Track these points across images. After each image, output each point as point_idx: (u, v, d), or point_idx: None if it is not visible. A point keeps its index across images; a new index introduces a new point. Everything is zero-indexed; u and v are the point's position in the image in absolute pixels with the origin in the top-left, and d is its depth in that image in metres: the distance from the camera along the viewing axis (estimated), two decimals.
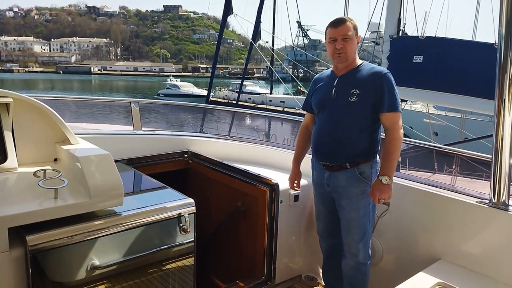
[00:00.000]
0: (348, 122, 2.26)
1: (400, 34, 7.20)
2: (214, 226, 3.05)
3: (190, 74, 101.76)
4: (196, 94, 33.77)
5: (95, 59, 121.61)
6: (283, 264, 2.79)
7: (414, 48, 6.89)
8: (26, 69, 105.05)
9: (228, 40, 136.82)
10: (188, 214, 2.00)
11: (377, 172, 2.31)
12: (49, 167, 1.86)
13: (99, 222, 1.73)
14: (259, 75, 77.92)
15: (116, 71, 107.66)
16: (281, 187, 2.60)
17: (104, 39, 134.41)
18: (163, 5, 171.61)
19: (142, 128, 3.25)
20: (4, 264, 1.55)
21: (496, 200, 2.13)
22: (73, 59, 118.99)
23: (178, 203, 2.00)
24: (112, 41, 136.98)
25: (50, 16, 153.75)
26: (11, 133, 1.96)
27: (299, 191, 2.69)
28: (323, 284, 2.77)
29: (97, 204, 1.73)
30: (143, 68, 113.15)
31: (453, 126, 11.82)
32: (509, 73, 1.97)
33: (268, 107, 28.72)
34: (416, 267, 2.22)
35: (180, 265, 2.03)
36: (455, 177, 3.46)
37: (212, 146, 3.36)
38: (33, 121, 2.04)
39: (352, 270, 2.41)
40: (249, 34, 16.92)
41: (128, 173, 2.55)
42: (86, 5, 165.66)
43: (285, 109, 25.98)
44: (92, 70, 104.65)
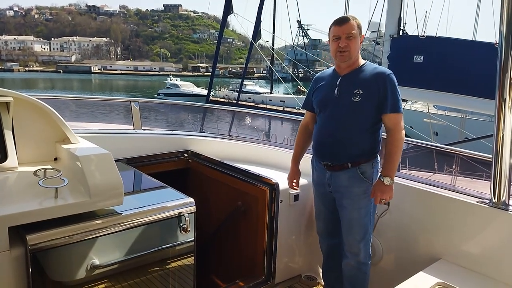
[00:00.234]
0: (350, 122, 2.25)
1: (401, 33, 7.19)
2: (214, 225, 3.05)
3: (190, 73, 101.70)
4: (196, 94, 33.74)
5: (95, 59, 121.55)
6: (283, 264, 2.79)
7: (414, 47, 6.89)
8: (26, 68, 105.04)
9: (228, 40, 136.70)
10: (188, 213, 2.00)
11: (378, 171, 2.31)
12: (49, 166, 1.86)
13: (99, 222, 1.73)
14: (259, 74, 77.87)
15: (116, 70, 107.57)
16: (281, 186, 2.60)
17: (104, 39, 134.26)
18: (163, 4, 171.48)
19: (142, 128, 3.25)
20: (4, 264, 1.55)
21: (496, 200, 2.13)
22: (73, 58, 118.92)
23: (178, 203, 2.00)
24: (112, 41, 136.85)
25: (50, 15, 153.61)
26: (11, 132, 1.96)
27: (298, 191, 2.69)
28: (323, 283, 2.77)
29: (97, 203, 1.73)
30: (143, 68, 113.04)
31: (453, 126, 11.82)
32: (509, 73, 1.97)
33: (268, 106, 28.73)
34: (416, 267, 2.22)
35: (180, 264, 2.04)
36: (455, 177, 3.46)
37: (212, 145, 3.36)
38: (34, 120, 2.04)
39: (353, 270, 2.41)
40: (249, 34, 16.95)
41: (128, 172, 2.55)
42: (86, 4, 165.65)
43: (285, 109, 26.02)
44: (92, 69, 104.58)
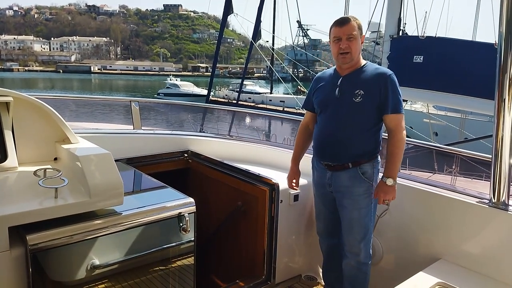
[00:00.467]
0: (351, 122, 2.26)
1: (401, 34, 7.19)
2: (214, 225, 3.05)
3: (190, 73, 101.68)
4: (196, 94, 33.73)
5: (95, 58, 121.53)
6: (283, 264, 2.79)
7: (414, 48, 6.88)
8: (26, 68, 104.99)
9: (228, 40, 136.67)
10: (188, 213, 2.00)
11: (379, 171, 2.31)
12: (49, 166, 1.86)
13: (99, 222, 1.73)
14: (259, 74, 77.86)
15: (116, 70, 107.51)
16: (281, 186, 2.61)
17: (104, 38, 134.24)
18: (163, 4, 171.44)
19: (142, 128, 3.25)
20: (5, 264, 1.55)
21: (496, 200, 2.14)
22: (73, 58, 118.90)
23: (178, 203, 2.00)
24: (112, 40, 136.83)
25: (50, 15, 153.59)
26: (11, 132, 1.96)
27: (298, 191, 2.69)
28: (323, 283, 2.77)
29: (97, 203, 1.73)
30: (143, 68, 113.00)
31: (453, 126, 11.82)
32: (509, 73, 1.97)
33: (268, 106, 28.76)
34: (416, 267, 2.22)
35: (180, 264, 2.04)
36: (455, 177, 3.46)
37: (212, 145, 3.36)
38: (33, 120, 2.04)
39: (353, 270, 2.41)
40: (249, 34, 16.95)
41: (128, 172, 2.55)
42: (86, 4, 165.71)
43: (285, 109, 26.02)
44: (92, 69, 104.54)
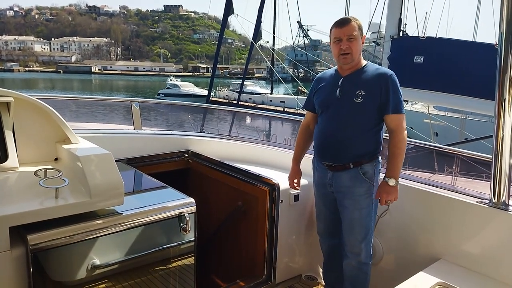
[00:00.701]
0: (352, 123, 2.26)
1: (401, 34, 7.19)
2: (214, 225, 3.06)
3: (190, 74, 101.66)
4: (196, 94, 33.72)
5: (95, 59, 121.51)
6: (284, 264, 2.79)
7: (414, 48, 6.88)
8: (27, 68, 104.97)
9: (229, 40, 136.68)
10: (188, 213, 2.00)
11: (380, 171, 2.31)
12: (50, 167, 1.86)
13: (99, 222, 1.74)
14: (260, 75, 77.83)
15: (116, 70, 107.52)
16: (282, 187, 2.61)
17: (104, 39, 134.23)
18: (164, 5, 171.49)
19: (143, 128, 3.25)
20: (5, 263, 1.55)
21: (496, 200, 2.14)
22: (73, 58, 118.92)
23: (178, 203, 2.01)
24: (113, 41, 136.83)
25: (50, 15, 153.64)
26: (12, 133, 1.96)
27: (299, 191, 2.70)
28: (323, 283, 2.78)
29: (98, 203, 1.73)
30: (144, 68, 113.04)
31: (453, 127, 11.83)
32: (509, 74, 1.97)
33: (269, 107, 28.73)
34: (416, 267, 2.23)
35: (180, 264, 2.04)
36: (456, 178, 3.46)
37: (212, 145, 3.36)
38: (34, 121, 2.04)
39: (354, 270, 2.41)
40: (250, 34, 16.91)
41: (128, 172, 2.55)
42: (86, 4, 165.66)
43: (286, 109, 26.00)
44: (92, 69, 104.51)
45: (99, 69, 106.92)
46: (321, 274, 2.79)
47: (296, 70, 44.87)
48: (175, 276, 2.03)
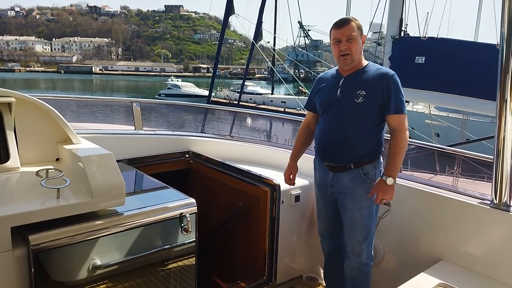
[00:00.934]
0: (353, 123, 2.25)
1: (402, 34, 7.18)
2: (215, 226, 3.05)
3: (191, 74, 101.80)
4: (197, 94, 33.75)
5: (96, 59, 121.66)
6: (284, 265, 2.79)
7: (416, 48, 6.87)
8: (28, 68, 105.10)
9: (230, 40, 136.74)
10: (189, 214, 2.00)
11: (381, 172, 2.31)
12: (51, 167, 1.86)
13: (101, 222, 1.74)
14: (260, 75, 77.85)
15: (117, 71, 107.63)
16: (283, 187, 2.61)
17: (105, 39, 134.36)
18: (165, 5, 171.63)
19: (144, 128, 3.25)
20: (7, 264, 1.56)
21: (497, 201, 2.13)
22: (74, 59, 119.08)
23: (179, 203, 2.01)
24: (114, 41, 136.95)
25: (51, 15, 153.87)
26: (13, 133, 1.96)
27: (298, 190, 2.69)
28: (324, 284, 2.78)
29: (99, 203, 1.73)
30: (144, 68, 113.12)
31: (454, 127, 11.82)
32: (511, 74, 1.97)
33: (269, 107, 28.72)
34: (418, 268, 2.22)
35: (181, 265, 2.04)
36: (457, 178, 3.46)
37: (213, 146, 3.36)
38: (35, 121, 2.04)
39: (355, 271, 2.40)
40: (251, 34, 16.90)
41: (129, 173, 2.56)
42: (87, 4, 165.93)
43: (286, 110, 25.98)
44: (93, 70, 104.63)
45: (100, 69, 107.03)
46: (322, 275, 2.79)
47: (297, 70, 44.78)
48: (176, 276, 2.03)
